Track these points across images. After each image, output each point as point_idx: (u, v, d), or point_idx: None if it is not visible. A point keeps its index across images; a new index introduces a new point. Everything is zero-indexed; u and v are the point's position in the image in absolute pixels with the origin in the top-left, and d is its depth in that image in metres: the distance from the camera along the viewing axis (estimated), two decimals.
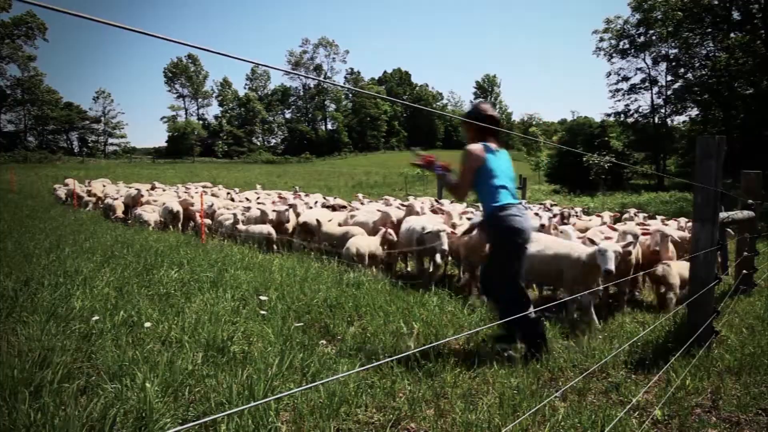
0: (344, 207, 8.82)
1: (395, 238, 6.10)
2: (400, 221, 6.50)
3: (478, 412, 2.45)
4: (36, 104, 58.17)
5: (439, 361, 3.08)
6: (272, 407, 2.31)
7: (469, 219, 6.60)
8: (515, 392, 2.66)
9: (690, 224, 5.99)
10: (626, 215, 7.74)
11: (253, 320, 3.60)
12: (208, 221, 8.96)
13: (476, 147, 3.23)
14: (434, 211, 6.98)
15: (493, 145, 3.30)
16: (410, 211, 6.91)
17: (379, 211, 6.95)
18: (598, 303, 4.69)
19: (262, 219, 7.55)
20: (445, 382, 2.79)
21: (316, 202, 9.82)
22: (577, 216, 7.80)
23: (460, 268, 6.02)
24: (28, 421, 2.05)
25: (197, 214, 9.27)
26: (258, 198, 11.32)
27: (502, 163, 3.30)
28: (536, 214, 6.51)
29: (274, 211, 7.60)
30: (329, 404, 2.41)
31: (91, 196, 13.24)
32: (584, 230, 6.17)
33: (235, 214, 8.25)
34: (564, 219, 6.78)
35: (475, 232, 5.03)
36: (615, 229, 5.32)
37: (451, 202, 9.00)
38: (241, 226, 7.92)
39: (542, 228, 5.64)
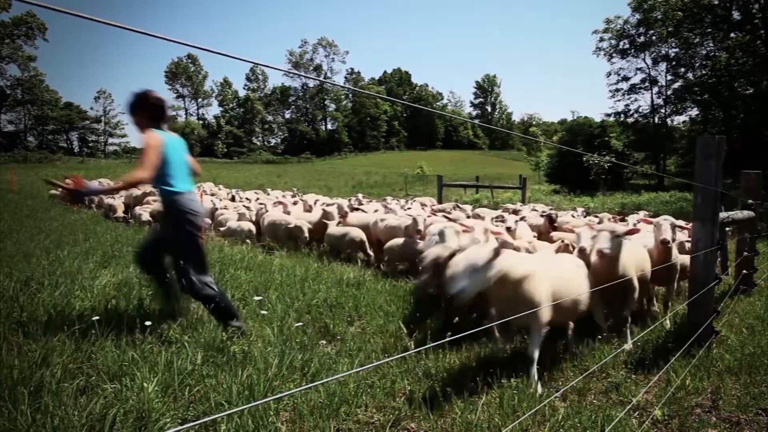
0: (357, 209, 8.61)
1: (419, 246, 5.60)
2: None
3: (478, 412, 2.45)
4: (36, 104, 58.15)
5: (439, 361, 3.08)
6: (272, 407, 2.31)
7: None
8: (515, 392, 2.66)
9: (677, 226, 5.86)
10: (633, 217, 7.19)
11: (253, 320, 3.60)
12: (207, 221, 8.96)
13: (154, 132, 3.15)
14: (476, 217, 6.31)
15: (167, 132, 3.25)
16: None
17: (410, 216, 6.45)
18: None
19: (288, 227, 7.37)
20: (445, 382, 2.79)
21: (316, 202, 9.82)
22: (554, 215, 7.01)
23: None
24: (28, 421, 2.05)
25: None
26: (257, 199, 11.33)
27: (177, 149, 3.26)
28: (502, 221, 5.70)
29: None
30: (329, 404, 2.41)
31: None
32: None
33: (243, 214, 8.29)
34: (552, 222, 6.29)
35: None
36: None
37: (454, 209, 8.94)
38: (223, 226, 8.02)
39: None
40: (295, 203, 9.47)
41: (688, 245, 4.67)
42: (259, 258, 6.08)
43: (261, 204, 9.01)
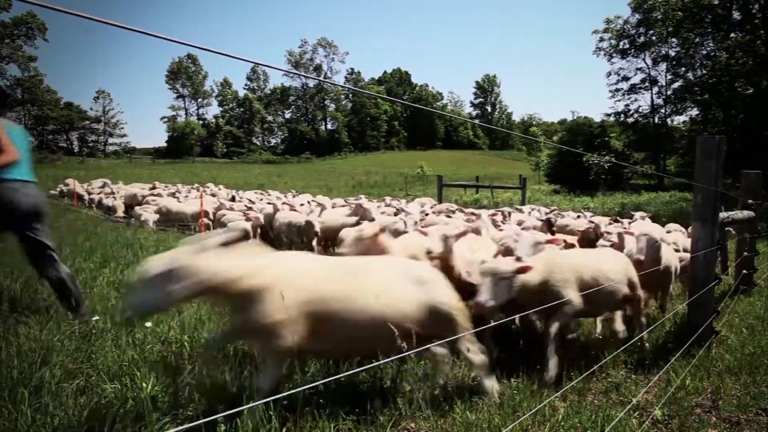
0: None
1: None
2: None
3: (478, 412, 2.45)
4: (36, 104, 58.17)
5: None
6: (272, 407, 2.30)
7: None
8: (515, 392, 2.66)
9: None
10: (636, 219, 6.83)
11: None
12: (206, 221, 8.97)
13: None
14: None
15: (6, 120, 3.26)
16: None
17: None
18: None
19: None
20: (445, 382, 2.78)
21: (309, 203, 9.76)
22: (550, 217, 6.59)
23: None
24: (29, 421, 2.05)
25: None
26: (261, 200, 11.33)
27: (19, 139, 3.26)
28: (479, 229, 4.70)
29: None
30: (330, 404, 2.41)
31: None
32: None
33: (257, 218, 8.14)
34: (551, 226, 5.64)
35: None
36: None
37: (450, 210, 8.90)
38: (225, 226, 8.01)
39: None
40: (302, 204, 9.31)
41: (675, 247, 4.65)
42: None
43: (269, 204, 8.97)
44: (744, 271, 5.19)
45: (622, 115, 34.08)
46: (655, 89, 33.97)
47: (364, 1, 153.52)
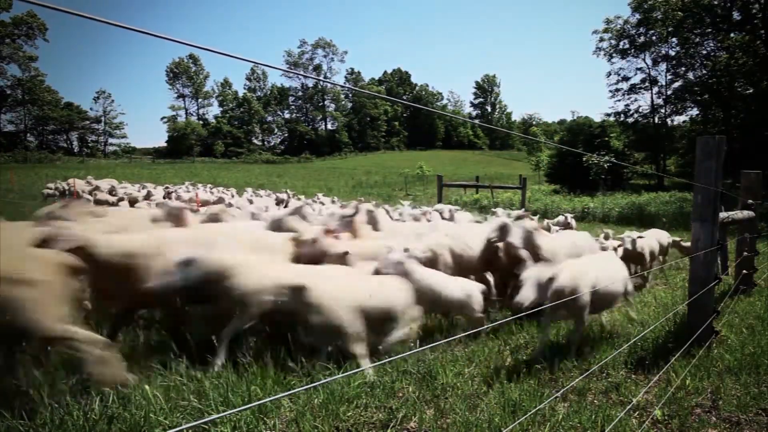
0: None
1: None
2: None
3: (478, 412, 2.45)
4: (36, 104, 58.15)
5: (440, 361, 3.08)
6: (272, 407, 2.30)
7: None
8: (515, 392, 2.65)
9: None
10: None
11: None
12: None
13: None
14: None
15: None
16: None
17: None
18: None
19: None
20: (445, 383, 2.79)
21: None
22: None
23: None
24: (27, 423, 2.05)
25: None
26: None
27: None
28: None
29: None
30: (329, 404, 2.41)
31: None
32: None
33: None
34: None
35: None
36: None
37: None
38: None
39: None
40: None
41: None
42: None
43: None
44: (744, 271, 5.19)
45: (622, 115, 34.10)
46: (655, 89, 34.02)
47: (364, 1, 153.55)
